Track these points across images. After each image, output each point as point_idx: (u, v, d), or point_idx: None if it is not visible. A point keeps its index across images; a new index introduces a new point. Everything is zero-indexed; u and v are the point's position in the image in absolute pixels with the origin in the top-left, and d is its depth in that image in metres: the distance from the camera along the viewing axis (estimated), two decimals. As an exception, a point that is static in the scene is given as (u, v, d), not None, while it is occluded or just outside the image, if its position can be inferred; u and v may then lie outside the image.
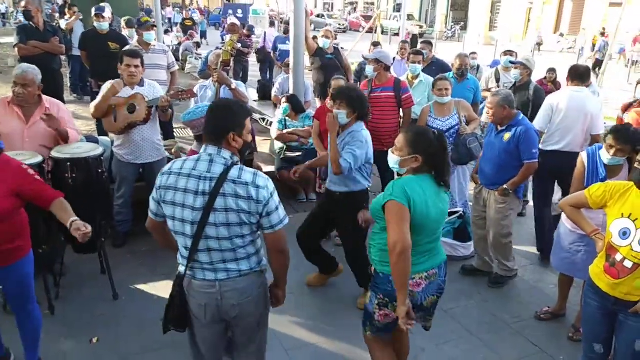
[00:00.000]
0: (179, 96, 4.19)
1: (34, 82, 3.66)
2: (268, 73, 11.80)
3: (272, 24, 13.89)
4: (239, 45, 9.82)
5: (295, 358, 3.34)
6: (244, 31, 11.15)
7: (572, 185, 3.49)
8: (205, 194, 2.14)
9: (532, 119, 4.50)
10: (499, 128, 3.99)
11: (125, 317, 3.62)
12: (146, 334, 3.45)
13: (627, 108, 5.24)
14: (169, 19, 28.59)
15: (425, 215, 2.44)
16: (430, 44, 7.39)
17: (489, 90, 6.39)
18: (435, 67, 6.43)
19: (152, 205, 2.31)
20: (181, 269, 2.31)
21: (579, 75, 4.53)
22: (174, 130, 6.77)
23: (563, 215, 3.67)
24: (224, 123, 2.22)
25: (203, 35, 20.64)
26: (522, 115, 4.02)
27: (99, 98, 4.19)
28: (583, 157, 3.42)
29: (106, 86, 4.22)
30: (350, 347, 3.46)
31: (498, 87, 6.22)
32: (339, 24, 32.92)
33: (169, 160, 4.16)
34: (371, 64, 4.94)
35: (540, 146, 4.41)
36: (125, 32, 7.46)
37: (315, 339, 3.52)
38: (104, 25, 6.42)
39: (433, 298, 2.63)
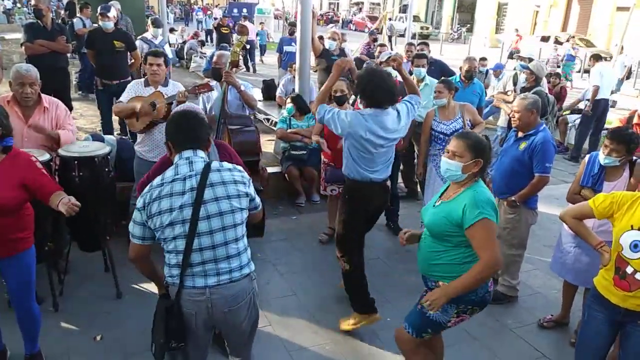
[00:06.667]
0: (196, 91, 4.25)
1: (37, 80, 3.64)
2: (249, 60, 14.77)
3: (249, 19, 16.15)
4: (248, 46, 9.99)
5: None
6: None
7: (571, 186, 3.59)
8: (193, 189, 2.16)
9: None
10: (519, 135, 3.85)
11: (129, 316, 3.63)
12: (149, 332, 3.43)
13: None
14: (199, 22, 27.31)
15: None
16: (427, 44, 7.37)
17: (505, 93, 6.36)
18: (435, 67, 6.40)
19: (137, 230, 2.22)
20: (169, 279, 2.27)
21: (598, 57, 8.70)
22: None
23: None
24: (205, 130, 2.36)
25: (209, 33, 20.04)
26: (544, 125, 3.84)
27: (122, 106, 4.20)
28: (585, 159, 3.54)
29: (129, 96, 4.24)
30: (353, 348, 3.48)
31: (515, 90, 6.21)
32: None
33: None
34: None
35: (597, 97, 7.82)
36: (150, 31, 7.77)
37: (318, 341, 3.53)
38: (109, 25, 6.43)
39: None
